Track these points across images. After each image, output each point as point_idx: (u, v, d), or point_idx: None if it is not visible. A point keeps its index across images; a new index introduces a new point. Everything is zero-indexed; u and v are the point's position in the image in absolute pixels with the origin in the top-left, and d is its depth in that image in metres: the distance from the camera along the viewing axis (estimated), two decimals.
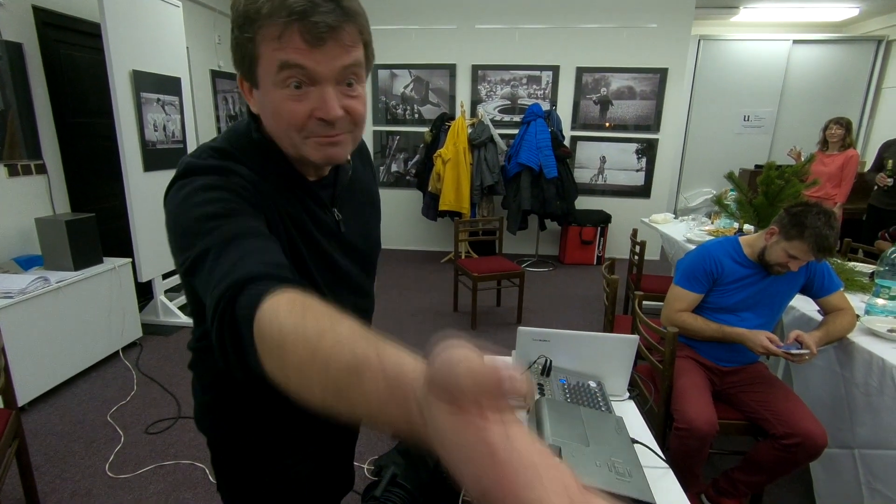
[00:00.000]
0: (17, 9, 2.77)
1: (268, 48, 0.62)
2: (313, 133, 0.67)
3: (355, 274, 0.87)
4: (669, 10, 4.91)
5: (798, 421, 1.57)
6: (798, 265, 1.66)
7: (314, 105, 0.64)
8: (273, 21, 0.60)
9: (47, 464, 2.07)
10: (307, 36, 0.60)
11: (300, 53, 0.61)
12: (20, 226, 2.81)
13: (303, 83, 0.63)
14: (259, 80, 0.66)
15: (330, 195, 0.80)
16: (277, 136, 0.70)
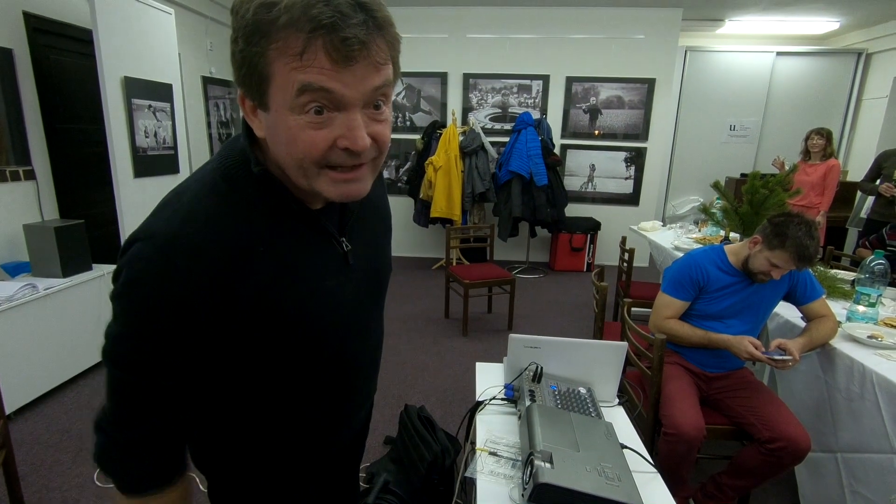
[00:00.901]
0: (8, 14, 2.75)
1: (284, 66, 0.51)
2: (333, 164, 0.57)
3: (366, 305, 0.79)
4: (657, 21, 5.01)
5: (782, 425, 1.61)
6: (780, 274, 1.71)
7: (338, 133, 0.54)
8: (292, 33, 0.49)
9: (33, 474, 2.04)
10: (335, 54, 0.50)
11: (326, 75, 0.50)
12: (8, 232, 2.78)
13: (325, 108, 0.53)
14: (270, 101, 0.54)
15: (337, 223, 0.71)
16: (287, 166, 0.59)
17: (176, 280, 0.56)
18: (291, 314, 0.65)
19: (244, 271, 0.60)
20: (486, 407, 1.44)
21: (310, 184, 0.58)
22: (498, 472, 1.19)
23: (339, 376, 0.78)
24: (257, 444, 0.77)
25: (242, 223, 0.60)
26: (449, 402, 2.68)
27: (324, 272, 0.68)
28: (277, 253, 0.63)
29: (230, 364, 0.66)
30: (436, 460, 1.79)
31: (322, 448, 0.85)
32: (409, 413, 2.05)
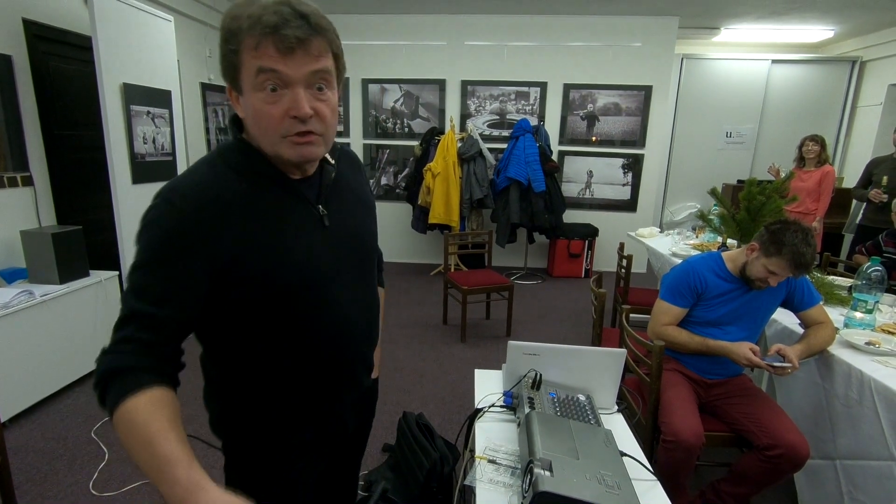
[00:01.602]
0: (7, 21, 2.76)
1: (248, 56, 0.72)
2: (289, 132, 0.75)
3: (348, 266, 0.92)
4: (653, 29, 5.05)
5: (781, 432, 1.61)
6: (777, 280, 1.71)
7: (287, 106, 0.74)
8: (251, 34, 0.71)
9: (28, 482, 2.02)
10: (279, 45, 0.71)
11: (273, 60, 0.71)
12: (5, 238, 2.77)
13: (277, 86, 0.73)
14: (242, 85, 0.76)
15: (315, 193, 0.88)
16: (258, 138, 0.79)
17: (172, 216, 0.75)
18: (269, 256, 0.80)
19: (227, 219, 0.77)
20: (485, 414, 1.44)
21: (275, 150, 0.77)
22: (497, 480, 1.18)
23: (332, 323, 0.90)
24: (261, 375, 0.89)
25: (227, 183, 0.79)
26: (447, 408, 2.67)
27: (299, 227, 0.84)
28: (257, 208, 0.80)
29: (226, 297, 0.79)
30: (434, 468, 1.78)
31: (319, 394, 0.95)
32: (407, 420, 2.04)
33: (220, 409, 0.95)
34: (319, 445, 1.01)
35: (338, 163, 0.94)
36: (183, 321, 0.77)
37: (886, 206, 3.74)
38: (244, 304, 0.81)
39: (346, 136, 5.57)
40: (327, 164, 0.91)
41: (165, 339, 0.75)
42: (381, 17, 5.21)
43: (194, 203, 0.75)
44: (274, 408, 0.91)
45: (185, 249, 0.74)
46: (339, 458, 1.16)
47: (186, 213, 0.75)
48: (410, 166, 5.46)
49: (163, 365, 0.75)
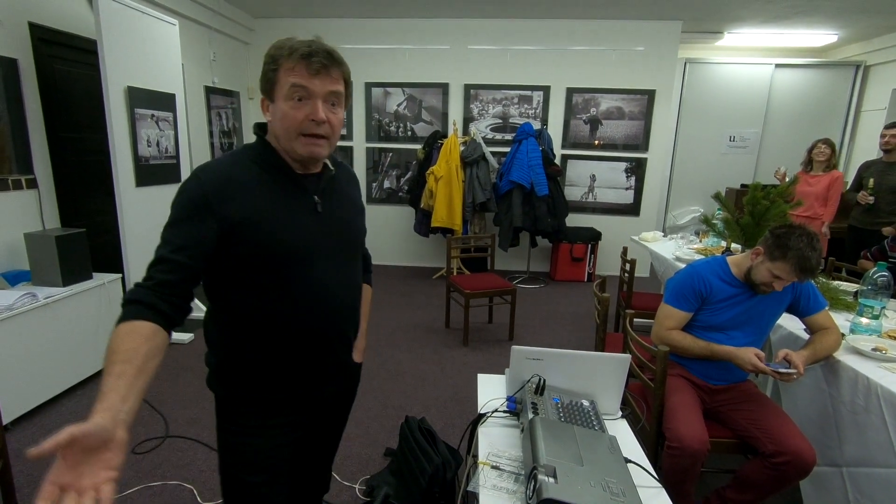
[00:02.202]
0: (14, 25, 2.78)
1: (284, 74, 0.98)
2: (305, 131, 1.00)
3: (335, 248, 1.12)
4: (656, 34, 5.05)
5: (787, 439, 1.59)
6: (782, 285, 1.70)
7: (308, 111, 0.99)
8: (289, 59, 0.97)
9: (30, 486, 2.02)
10: (309, 69, 0.97)
11: (303, 78, 0.98)
12: (9, 240, 2.78)
13: (303, 98, 0.99)
14: (275, 96, 1.00)
15: (314, 186, 1.10)
16: (280, 135, 1.02)
17: (197, 188, 0.98)
18: (268, 225, 1.01)
19: (238, 193, 1.00)
20: (488, 419, 1.43)
21: (290, 145, 1.01)
22: (501, 486, 1.17)
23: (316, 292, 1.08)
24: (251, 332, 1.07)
25: (244, 169, 1.03)
26: (449, 413, 2.66)
27: (296, 208, 1.06)
28: (265, 190, 1.03)
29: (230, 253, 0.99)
30: (437, 473, 1.77)
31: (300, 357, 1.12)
32: (409, 424, 2.03)
33: (216, 363, 1.13)
34: (297, 407, 1.17)
35: (337, 170, 1.17)
36: (194, 267, 0.96)
37: (873, 208, 3.81)
38: (243, 261, 1.01)
39: (350, 140, 5.58)
40: (327, 168, 1.13)
41: (179, 280, 0.94)
42: (385, 21, 5.22)
43: (214, 178, 0.99)
44: (260, 364, 1.10)
45: (200, 211, 0.96)
46: (317, 432, 1.32)
47: (206, 185, 0.98)
48: (413, 170, 5.47)
49: (167, 306, 0.92)
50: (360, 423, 2.53)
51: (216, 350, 1.13)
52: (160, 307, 0.91)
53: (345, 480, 2.10)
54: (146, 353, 0.85)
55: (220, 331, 1.11)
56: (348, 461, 2.22)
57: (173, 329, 0.94)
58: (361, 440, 2.39)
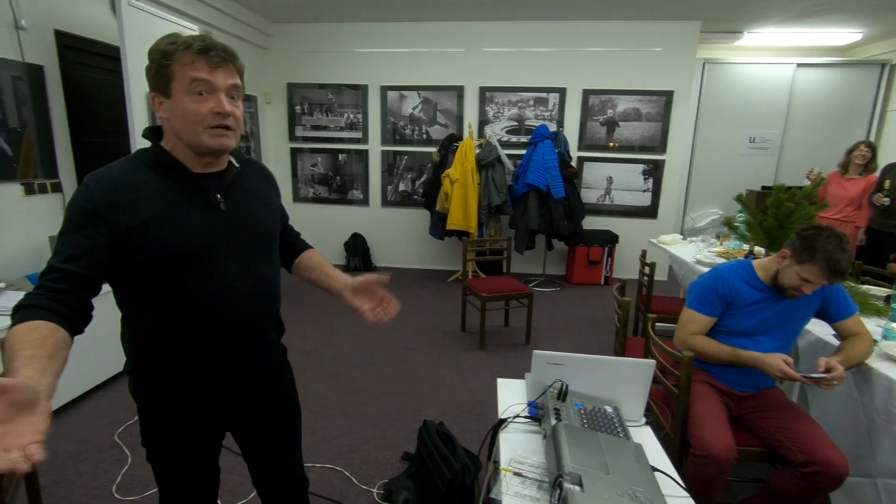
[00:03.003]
0: (40, 32, 2.84)
1: (182, 70, 0.96)
2: (211, 124, 0.99)
3: (241, 246, 1.10)
4: (674, 34, 4.99)
5: (818, 448, 1.54)
6: (812, 289, 1.65)
7: (212, 105, 0.98)
8: (185, 53, 0.96)
9: (54, 485, 2.05)
10: (209, 63, 0.97)
11: (204, 72, 0.97)
12: (34, 243, 2.83)
13: (204, 92, 0.98)
14: (172, 92, 0.98)
15: (216, 185, 1.08)
16: (182, 131, 1.00)
17: (87, 196, 0.97)
18: (165, 227, 0.99)
19: (131, 198, 0.98)
20: (509, 425, 1.41)
21: (198, 139, 1.00)
22: (524, 493, 1.15)
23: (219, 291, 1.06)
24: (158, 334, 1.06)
25: (135, 173, 1.01)
26: (467, 417, 2.64)
27: (195, 210, 1.04)
28: (159, 193, 1.01)
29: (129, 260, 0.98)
30: (456, 479, 1.75)
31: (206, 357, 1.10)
32: (427, 429, 2.02)
33: (131, 370, 1.12)
34: (214, 411, 1.16)
35: (244, 167, 1.16)
36: (87, 277, 0.94)
37: (889, 210, 3.77)
38: (143, 267, 1.00)
39: (365, 143, 5.61)
40: (232, 165, 1.13)
41: (72, 288, 0.92)
42: (401, 24, 5.24)
43: (103, 185, 0.97)
44: (172, 369, 1.09)
45: (91, 220, 0.95)
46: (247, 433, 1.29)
47: (96, 192, 0.96)
48: (428, 172, 5.47)
49: (63, 308, 0.89)
50: (377, 427, 2.52)
51: (130, 357, 1.11)
52: (56, 308, 0.88)
53: (362, 484, 2.09)
54: (53, 344, 0.82)
55: (132, 338, 1.09)
56: (365, 465, 2.22)
57: (75, 334, 0.91)
58: (378, 444, 2.38)
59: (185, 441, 1.16)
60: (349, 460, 2.25)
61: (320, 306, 4.33)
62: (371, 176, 5.71)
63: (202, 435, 1.18)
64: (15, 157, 2.71)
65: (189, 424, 1.14)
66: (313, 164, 5.78)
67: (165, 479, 1.21)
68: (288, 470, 1.37)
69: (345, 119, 5.60)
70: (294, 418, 1.37)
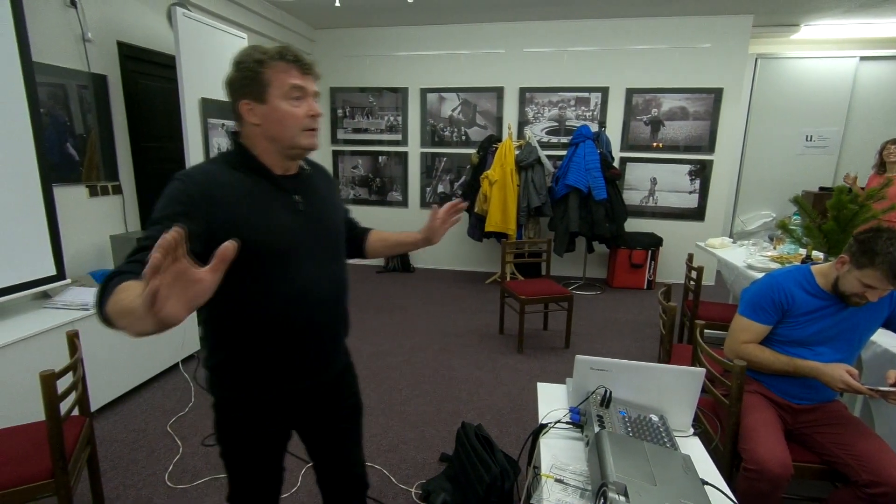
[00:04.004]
0: (104, 44, 3.03)
1: (278, 76, 1.04)
2: (307, 126, 1.08)
3: (317, 244, 1.16)
4: (725, 29, 4.79)
5: (886, 468, 1.44)
6: (877, 295, 1.54)
7: (306, 108, 1.08)
8: (279, 62, 1.04)
9: (112, 470, 2.17)
10: (302, 70, 1.07)
11: (299, 79, 1.06)
12: (96, 242, 3.02)
13: (298, 97, 1.06)
14: (268, 97, 1.04)
15: (293, 187, 1.14)
16: (280, 135, 1.07)
17: (183, 189, 1.00)
18: (251, 225, 1.04)
19: (221, 195, 1.02)
20: (550, 430, 1.39)
21: (295, 141, 1.08)
22: (565, 501, 1.13)
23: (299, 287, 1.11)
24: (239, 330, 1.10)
25: (224, 173, 1.06)
26: (505, 421, 2.62)
27: (277, 208, 1.10)
28: (246, 193, 1.06)
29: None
30: (495, 482, 1.74)
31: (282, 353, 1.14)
32: (466, 431, 2.02)
33: (213, 365, 1.16)
34: (288, 405, 1.21)
35: (312, 170, 1.23)
36: None
37: None
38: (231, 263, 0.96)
39: (405, 145, 5.67)
40: (303, 168, 1.19)
41: None
42: (441, 27, 5.27)
43: (198, 181, 1.02)
44: (253, 363, 1.12)
45: (186, 212, 0.97)
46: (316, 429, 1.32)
47: (191, 187, 1.00)
48: (467, 174, 5.47)
49: None
50: (415, 427, 2.54)
51: (213, 352, 1.16)
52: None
53: (400, 483, 2.11)
54: None
55: (214, 334, 1.14)
56: (403, 465, 2.23)
57: None
58: (416, 444, 2.40)
59: (258, 437, 1.20)
60: (387, 459, 2.28)
61: (360, 305, 4.40)
62: (410, 178, 5.76)
63: (274, 432, 1.22)
64: (80, 162, 2.90)
65: (263, 421, 1.18)
66: (354, 166, 5.89)
67: (236, 474, 1.25)
68: (352, 469, 1.40)
69: (385, 122, 5.67)
70: (358, 416, 1.40)
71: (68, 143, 2.82)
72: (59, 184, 2.70)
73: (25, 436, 1.67)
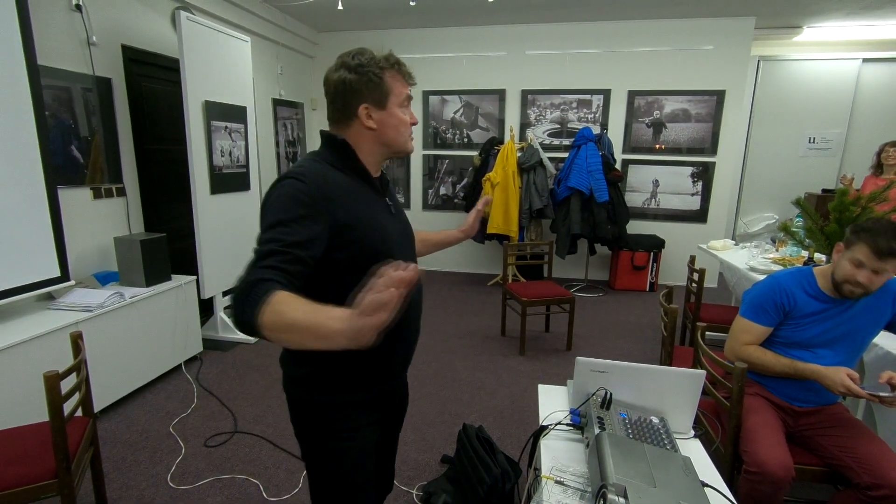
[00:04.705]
0: (109, 47, 3.05)
1: (395, 86, 1.10)
2: (410, 133, 1.16)
3: (409, 246, 1.23)
4: (727, 31, 4.79)
5: (887, 470, 1.43)
6: (867, 277, 1.53)
7: (410, 117, 1.15)
8: (398, 71, 1.10)
9: (115, 471, 2.18)
10: (410, 81, 1.14)
11: (408, 89, 1.14)
12: (100, 244, 3.03)
13: (406, 106, 1.14)
14: (389, 104, 1.09)
15: (383, 189, 1.18)
16: (393, 140, 1.13)
17: (304, 189, 0.98)
18: (368, 227, 1.06)
19: (338, 196, 1.02)
20: (551, 432, 1.39)
21: (404, 145, 1.15)
22: (565, 502, 1.13)
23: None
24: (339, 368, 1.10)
25: (336, 176, 1.06)
26: (506, 423, 2.62)
27: (381, 213, 1.13)
28: (355, 195, 1.07)
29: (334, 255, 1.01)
30: (496, 484, 1.74)
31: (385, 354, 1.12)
32: (467, 432, 2.02)
33: (310, 371, 1.14)
34: (379, 405, 1.22)
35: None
36: (309, 264, 0.94)
37: None
38: (344, 265, 1.03)
39: None
40: (383, 172, 1.22)
41: (299, 272, 0.92)
42: (443, 30, 5.29)
43: (316, 181, 1.00)
44: (356, 366, 1.12)
45: (310, 213, 0.96)
46: (388, 429, 1.36)
47: (312, 187, 0.99)
48: (469, 176, 5.48)
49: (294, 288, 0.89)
50: (417, 429, 2.54)
51: (312, 357, 1.12)
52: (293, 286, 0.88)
53: (401, 485, 2.11)
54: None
55: None
56: (405, 466, 2.24)
57: None
58: (418, 446, 2.40)
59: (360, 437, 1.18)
60: None
61: None
62: (412, 180, 5.77)
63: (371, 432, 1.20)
64: (85, 164, 2.92)
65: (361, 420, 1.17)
66: None
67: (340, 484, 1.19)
68: (390, 468, 1.47)
69: None
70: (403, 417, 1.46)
71: (73, 146, 2.84)
72: (64, 186, 2.73)
73: (29, 436, 1.69)
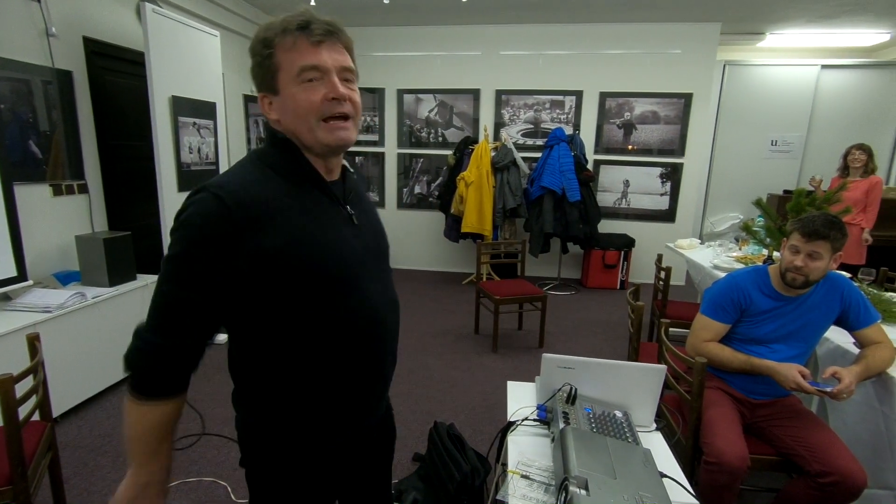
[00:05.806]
0: (69, 39, 2.94)
1: (286, 57, 0.81)
2: (327, 114, 0.83)
3: (374, 260, 0.97)
4: (694, 36, 4.93)
5: (835, 459, 1.51)
6: (803, 261, 1.63)
7: (325, 90, 0.82)
8: (284, 37, 0.81)
9: (76, 476, 2.11)
10: (310, 39, 0.81)
11: (309, 54, 0.81)
12: (61, 243, 2.93)
13: (314, 79, 0.82)
14: (280, 86, 0.83)
15: (341, 194, 0.94)
16: (296, 128, 0.85)
17: (221, 215, 0.77)
18: (312, 247, 0.84)
19: (273, 216, 0.81)
20: (518, 428, 1.41)
21: (314, 135, 0.84)
22: (530, 496, 1.15)
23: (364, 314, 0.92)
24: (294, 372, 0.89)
25: (267, 182, 0.84)
26: (478, 419, 2.64)
27: (338, 224, 0.90)
28: (302, 206, 0.85)
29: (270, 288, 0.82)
30: (465, 480, 1.76)
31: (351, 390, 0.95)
32: (438, 430, 2.03)
33: (256, 422, 0.94)
34: (348, 450, 0.99)
35: (357, 180, 1.03)
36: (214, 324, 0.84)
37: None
38: (287, 294, 0.83)
39: (381, 146, 5.66)
40: (348, 171, 0.99)
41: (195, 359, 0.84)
42: (417, 28, 5.28)
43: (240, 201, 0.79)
44: (306, 408, 0.91)
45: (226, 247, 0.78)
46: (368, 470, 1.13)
47: (234, 212, 0.77)
48: (444, 175, 5.49)
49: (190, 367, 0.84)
50: None
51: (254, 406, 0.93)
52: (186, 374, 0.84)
53: None
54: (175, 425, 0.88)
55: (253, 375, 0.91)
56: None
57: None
58: None
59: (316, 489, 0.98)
60: None
61: None
62: (387, 178, 5.75)
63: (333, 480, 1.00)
64: (44, 160, 2.81)
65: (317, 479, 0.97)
66: None
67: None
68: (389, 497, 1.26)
69: (362, 122, 5.65)
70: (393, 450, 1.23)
71: (31, 141, 2.73)
72: (21, 182, 2.62)
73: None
